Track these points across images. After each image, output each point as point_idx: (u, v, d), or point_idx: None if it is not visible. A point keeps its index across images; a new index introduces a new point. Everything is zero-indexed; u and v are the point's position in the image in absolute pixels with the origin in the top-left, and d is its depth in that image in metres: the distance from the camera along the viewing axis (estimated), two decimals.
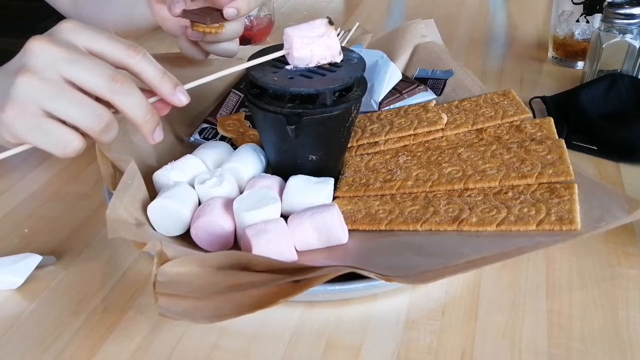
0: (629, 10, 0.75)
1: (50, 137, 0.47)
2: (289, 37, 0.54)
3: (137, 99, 0.48)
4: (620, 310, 0.47)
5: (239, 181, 0.57)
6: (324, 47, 0.53)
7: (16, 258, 0.52)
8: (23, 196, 0.62)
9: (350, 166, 0.61)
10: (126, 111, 0.48)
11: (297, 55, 0.53)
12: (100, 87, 0.46)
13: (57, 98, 0.46)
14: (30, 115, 0.46)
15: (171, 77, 0.50)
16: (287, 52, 0.54)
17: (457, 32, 1.01)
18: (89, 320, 0.47)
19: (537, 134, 0.61)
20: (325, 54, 0.54)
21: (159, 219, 0.53)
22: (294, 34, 0.53)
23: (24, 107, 0.46)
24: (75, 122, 0.47)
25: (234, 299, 0.43)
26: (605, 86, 0.73)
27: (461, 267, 0.46)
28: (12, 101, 0.46)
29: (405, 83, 0.71)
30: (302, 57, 0.53)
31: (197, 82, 0.53)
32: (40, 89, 0.46)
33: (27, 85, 0.46)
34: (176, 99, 0.50)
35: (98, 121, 0.47)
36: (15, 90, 0.46)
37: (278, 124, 0.54)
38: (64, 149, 0.47)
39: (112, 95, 0.47)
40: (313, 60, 0.54)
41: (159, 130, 0.51)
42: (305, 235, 0.51)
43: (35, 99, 0.46)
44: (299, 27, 0.54)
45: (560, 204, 0.51)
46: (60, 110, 0.46)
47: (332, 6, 1.15)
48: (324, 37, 0.53)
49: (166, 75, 0.50)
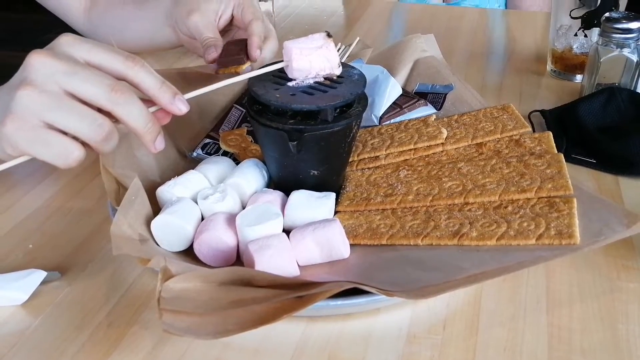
0: (626, 24, 0.76)
1: (51, 148, 0.47)
2: (288, 50, 0.54)
3: (137, 109, 0.48)
4: (620, 324, 0.48)
5: (242, 196, 0.57)
6: (323, 59, 0.54)
7: (21, 274, 0.52)
8: (27, 212, 0.63)
9: (351, 181, 0.62)
10: (127, 121, 0.48)
11: (296, 67, 0.54)
12: (100, 98, 0.47)
13: (57, 109, 0.46)
14: (31, 127, 0.47)
15: (170, 87, 0.51)
16: (287, 64, 0.55)
17: (457, 46, 1.02)
18: (93, 336, 0.48)
19: (536, 148, 0.62)
20: (324, 66, 0.54)
21: (163, 235, 0.53)
22: (293, 46, 0.54)
23: (25, 119, 0.47)
24: (76, 133, 0.47)
25: (237, 314, 0.43)
26: (603, 100, 0.74)
27: (462, 281, 0.46)
28: (12, 114, 0.47)
29: (405, 98, 0.72)
30: (301, 68, 0.54)
31: (197, 92, 0.53)
32: (40, 102, 0.46)
33: (27, 98, 0.46)
34: (175, 107, 0.51)
35: (99, 131, 0.47)
36: (15, 103, 0.47)
37: (280, 140, 0.55)
38: (66, 159, 0.48)
39: (112, 106, 0.47)
40: (312, 71, 0.54)
41: (160, 139, 0.52)
42: (307, 250, 0.51)
43: (35, 111, 0.46)
44: (297, 40, 0.54)
45: (559, 218, 0.51)
46: (61, 121, 0.47)
47: (333, 20, 1.16)
48: (323, 49, 0.54)
49: (165, 84, 0.50)
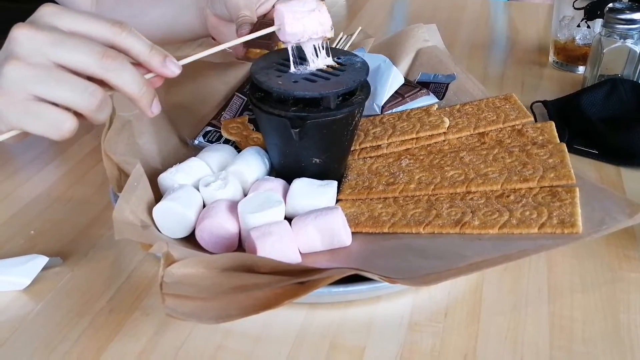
0: (630, 15, 0.76)
1: (43, 121, 0.46)
2: (280, 13, 0.53)
3: (130, 74, 0.47)
4: (622, 314, 0.48)
5: (243, 184, 0.57)
6: (316, 22, 0.53)
7: (23, 259, 0.52)
8: (29, 198, 0.63)
9: (353, 169, 0.62)
10: (121, 87, 0.47)
11: (289, 31, 0.53)
12: (91, 65, 0.46)
13: (47, 81, 0.45)
14: (20, 100, 0.45)
15: (160, 50, 0.49)
16: (279, 28, 0.54)
17: (459, 36, 1.02)
18: (95, 321, 0.48)
19: (539, 138, 0.61)
20: (317, 29, 0.53)
21: (164, 221, 0.53)
22: (285, 9, 0.53)
23: (13, 93, 0.45)
24: (68, 103, 0.46)
25: (239, 300, 0.43)
26: (606, 91, 0.74)
27: (463, 269, 0.46)
28: (0, 90, 0.45)
29: (407, 87, 0.72)
30: (294, 32, 0.53)
31: (191, 57, 0.52)
32: (28, 75, 0.45)
33: (14, 72, 0.45)
34: (168, 70, 0.49)
35: (92, 99, 0.46)
36: (2, 78, 0.45)
37: (282, 127, 0.55)
38: (58, 130, 0.46)
39: (104, 73, 0.46)
40: (305, 35, 0.53)
41: (156, 103, 0.50)
42: (309, 237, 0.51)
43: (24, 85, 0.45)
44: (290, 3, 0.53)
45: (561, 208, 0.51)
46: (51, 92, 0.45)
47: (335, 10, 1.16)
48: (316, 12, 0.53)
49: (154, 48, 0.49)
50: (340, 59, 0.58)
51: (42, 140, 0.73)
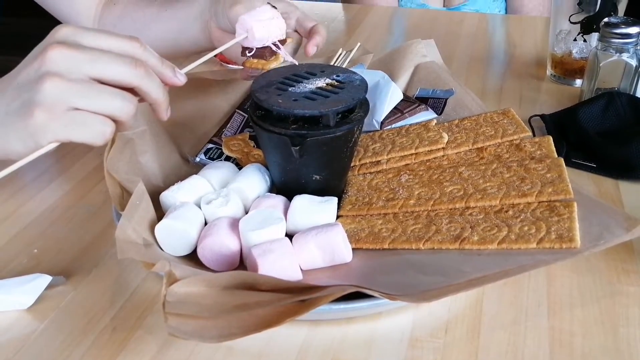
0: (625, 29, 0.76)
1: (89, 128, 0.49)
2: (246, 22, 0.61)
3: (157, 81, 0.52)
4: (621, 327, 0.48)
5: (245, 201, 0.58)
6: (276, 28, 0.62)
7: (26, 279, 0.52)
8: (32, 217, 0.63)
9: (353, 185, 0.62)
10: (150, 93, 0.52)
11: (258, 37, 0.61)
12: (127, 75, 0.50)
13: (88, 93, 0.49)
14: (64, 112, 0.48)
15: (168, 62, 0.54)
16: (245, 35, 0.61)
17: (457, 51, 1.03)
18: (98, 340, 0.48)
19: (537, 153, 0.62)
20: (277, 33, 0.63)
21: (166, 239, 0.54)
22: (251, 19, 0.61)
23: (55, 107, 0.48)
24: (110, 111, 0.49)
25: (241, 318, 0.43)
26: (603, 104, 0.75)
27: (463, 285, 0.47)
28: (41, 105, 0.48)
29: (406, 103, 0.72)
30: (261, 37, 0.61)
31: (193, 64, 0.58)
32: (68, 89, 0.48)
33: (54, 88, 0.48)
34: (177, 80, 0.55)
35: (130, 106, 0.50)
36: (42, 95, 0.48)
37: (282, 145, 0.55)
38: (104, 135, 0.50)
39: (139, 81, 0.50)
40: (269, 39, 0.62)
41: (169, 108, 0.55)
42: (310, 254, 0.52)
43: (66, 99, 0.48)
44: (250, 14, 0.62)
45: (560, 222, 0.52)
46: (93, 103, 0.49)
47: (333, 25, 1.17)
48: (275, 20, 0.62)
49: (165, 61, 0.54)
50: (339, 76, 0.59)
51: (45, 159, 0.73)
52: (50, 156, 0.74)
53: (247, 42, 0.61)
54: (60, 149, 0.74)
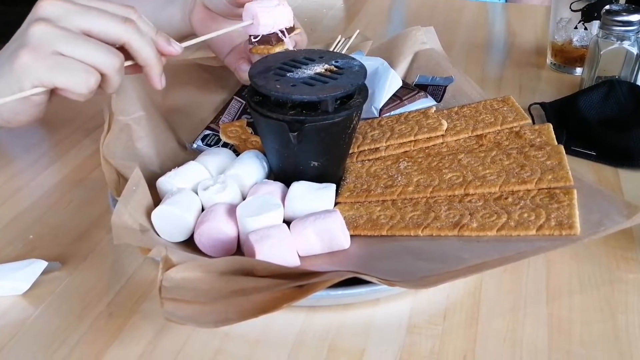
0: (627, 17, 0.76)
1: (73, 73, 0.49)
2: (252, 9, 0.60)
3: (148, 40, 0.52)
4: (620, 314, 0.48)
5: (242, 187, 0.57)
6: (282, 14, 0.61)
7: (21, 264, 0.52)
8: (28, 202, 0.63)
9: (351, 172, 0.62)
10: (141, 50, 0.52)
11: (262, 23, 0.60)
12: (117, 30, 0.50)
13: (74, 40, 0.49)
14: (49, 55, 0.48)
15: (162, 33, 0.54)
16: (251, 22, 0.60)
17: (457, 38, 1.02)
18: (94, 325, 0.48)
19: (537, 140, 0.62)
20: (284, 20, 0.62)
21: (163, 225, 0.53)
22: (257, 6, 0.60)
23: (41, 49, 0.48)
24: (94, 61, 0.49)
25: (238, 303, 0.43)
26: (603, 92, 0.74)
27: (462, 271, 0.46)
28: (27, 46, 0.48)
29: (405, 90, 0.72)
30: (267, 23, 0.60)
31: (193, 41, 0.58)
32: (56, 34, 0.48)
33: (42, 31, 0.48)
34: (172, 49, 0.55)
35: (115, 60, 0.50)
36: (29, 37, 0.48)
37: (280, 131, 0.55)
38: (87, 83, 0.50)
39: (129, 36, 0.50)
40: (276, 26, 0.61)
41: (164, 76, 0.55)
42: (308, 240, 0.51)
43: (52, 42, 0.48)
44: (256, 2, 0.61)
45: (559, 209, 0.51)
46: (78, 51, 0.49)
47: (332, 13, 1.16)
48: (281, 6, 0.61)
49: (159, 31, 0.54)
50: (338, 62, 0.58)
51: (41, 145, 0.73)
52: (47, 141, 0.74)
53: (253, 29, 0.61)
54: (56, 133, 0.74)
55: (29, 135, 0.75)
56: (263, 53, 0.62)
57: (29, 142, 0.74)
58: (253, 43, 0.62)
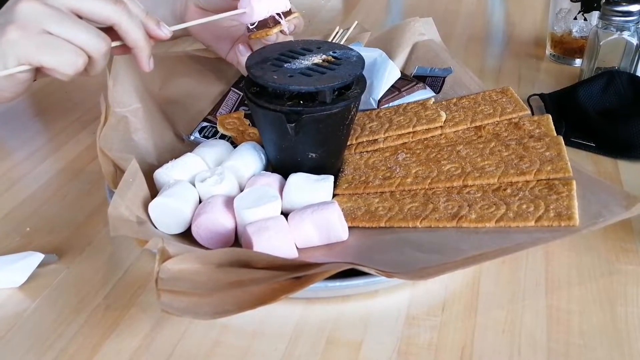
0: (626, 7, 0.75)
1: (60, 53, 0.48)
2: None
3: (138, 22, 0.52)
4: (619, 306, 0.48)
5: (240, 179, 0.57)
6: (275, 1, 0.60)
7: (18, 256, 0.52)
8: (25, 195, 0.62)
9: (349, 164, 0.61)
10: (130, 32, 0.51)
11: (257, 9, 0.59)
12: (107, 11, 0.50)
13: (62, 21, 0.48)
14: (37, 33, 0.48)
15: (152, 16, 0.54)
16: (243, 11, 0.60)
17: (455, 30, 1.02)
18: (91, 318, 0.48)
19: (536, 131, 0.61)
20: (279, 5, 0.61)
21: (160, 217, 0.53)
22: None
23: (29, 27, 0.48)
24: (81, 42, 0.49)
25: (235, 295, 0.43)
26: (603, 83, 0.74)
27: (461, 263, 0.46)
28: (15, 23, 0.47)
29: (404, 81, 0.72)
30: (261, 9, 0.60)
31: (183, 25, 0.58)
32: (44, 12, 0.48)
33: (30, 8, 0.47)
34: (161, 32, 0.54)
35: (102, 43, 0.50)
36: (17, 14, 0.47)
37: (278, 122, 0.54)
38: (74, 64, 0.49)
39: (119, 17, 0.50)
40: (271, 10, 0.60)
41: (152, 59, 0.54)
42: (306, 232, 0.51)
43: (40, 20, 0.48)
44: None
45: (558, 200, 0.51)
46: (66, 31, 0.48)
47: (331, 4, 1.15)
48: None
49: (149, 13, 0.54)
50: (336, 53, 0.58)
51: (37, 137, 0.73)
52: (43, 134, 0.74)
53: (247, 17, 0.60)
54: (53, 126, 0.74)
55: (26, 128, 0.75)
56: (262, 37, 0.62)
57: (26, 134, 0.74)
58: (251, 30, 0.62)
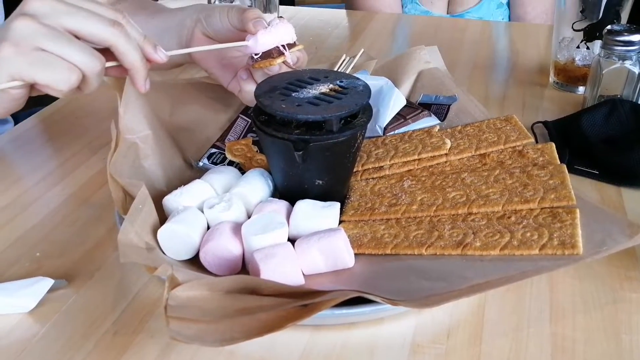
0: (628, 37, 0.76)
1: (54, 70, 0.49)
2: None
3: (135, 45, 0.52)
4: (624, 334, 0.48)
5: (247, 205, 0.58)
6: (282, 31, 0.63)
7: (28, 282, 0.52)
8: (35, 220, 0.63)
9: (355, 190, 0.62)
10: (126, 54, 0.51)
11: (261, 41, 0.62)
12: (104, 33, 0.50)
13: (57, 39, 0.48)
14: (31, 50, 0.48)
15: (150, 39, 0.54)
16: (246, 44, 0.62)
17: (460, 58, 1.03)
18: (100, 344, 0.48)
19: (539, 159, 0.62)
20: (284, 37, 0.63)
21: (169, 243, 0.54)
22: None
23: (23, 44, 0.48)
24: (76, 61, 0.49)
25: (243, 322, 0.43)
26: (606, 111, 0.75)
27: (465, 291, 0.46)
28: (9, 40, 0.48)
29: (409, 109, 0.73)
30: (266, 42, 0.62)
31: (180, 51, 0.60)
32: (39, 31, 0.48)
33: (25, 26, 0.48)
34: (158, 56, 0.55)
35: (97, 62, 0.50)
36: (12, 31, 0.48)
37: (286, 150, 0.55)
38: (68, 81, 0.49)
39: (116, 39, 0.50)
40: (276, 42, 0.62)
41: (148, 80, 0.55)
42: (312, 259, 0.52)
43: (35, 38, 0.48)
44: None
45: (562, 229, 0.52)
46: (61, 49, 0.48)
47: (337, 32, 1.17)
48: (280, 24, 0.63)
49: (147, 37, 0.54)
50: (342, 82, 0.59)
51: (48, 163, 0.74)
52: (54, 159, 0.75)
53: (252, 49, 0.62)
54: (63, 151, 0.75)
55: (37, 153, 0.76)
56: (265, 66, 0.63)
57: (37, 160, 0.75)
58: (255, 60, 0.63)
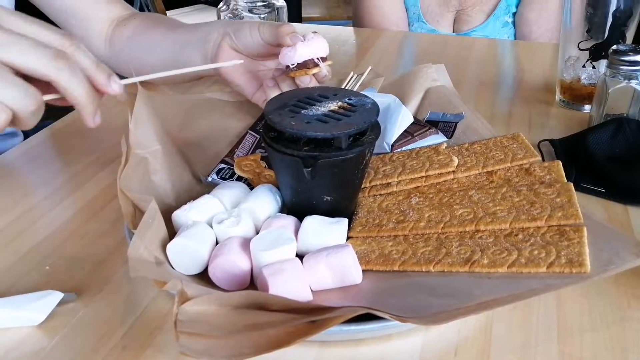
0: (634, 57, 0.77)
1: None
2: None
3: (79, 79, 0.48)
4: (632, 354, 0.48)
5: (256, 221, 0.58)
6: (318, 45, 0.69)
7: (38, 295, 0.53)
8: (44, 234, 0.64)
9: (363, 207, 0.63)
10: (69, 90, 0.48)
11: (300, 52, 0.67)
12: (44, 67, 0.46)
13: None
14: None
15: (105, 68, 0.51)
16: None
17: (466, 76, 1.04)
18: (108, 358, 0.48)
19: (546, 177, 0.62)
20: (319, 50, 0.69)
21: (178, 258, 0.54)
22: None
23: None
24: (7, 100, 0.46)
25: (252, 338, 0.44)
26: (612, 130, 0.75)
27: (473, 308, 0.47)
28: None
29: (416, 126, 0.73)
30: (303, 53, 0.68)
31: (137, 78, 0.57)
32: None
33: None
34: (110, 88, 0.51)
35: (31, 101, 0.47)
36: None
37: (294, 166, 0.56)
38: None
39: (56, 74, 0.47)
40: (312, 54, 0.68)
41: (98, 114, 0.51)
42: (320, 275, 0.52)
43: None
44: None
45: (569, 247, 0.52)
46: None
47: (345, 49, 1.18)
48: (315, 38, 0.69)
49: (100, 65, 0.50)
50: (351, 100, 0.59)
51: (57, 177, 0.74)
52: (63, 174, 0.75)
53: (289, 59, 0.67)
54: (73, 166, 0.76)
55: (46, 167, 0.77)
56: (301, 75, 0.68)
57: (46, 174, 0.75)
58: (292, 69, 0.68)
